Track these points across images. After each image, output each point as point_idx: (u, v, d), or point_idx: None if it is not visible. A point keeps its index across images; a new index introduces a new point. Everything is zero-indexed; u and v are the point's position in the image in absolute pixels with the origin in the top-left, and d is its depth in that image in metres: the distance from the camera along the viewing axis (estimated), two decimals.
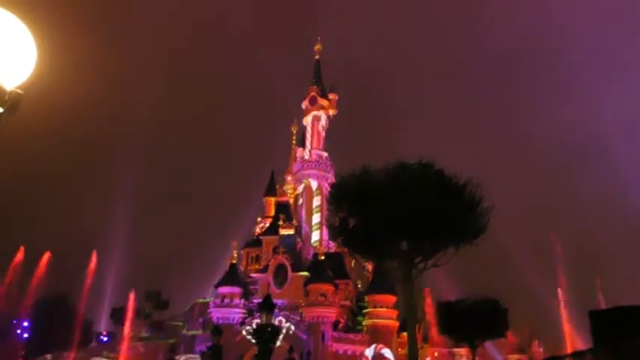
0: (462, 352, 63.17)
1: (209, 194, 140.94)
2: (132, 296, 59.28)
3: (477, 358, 35.07)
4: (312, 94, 68.62)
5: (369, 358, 51.55)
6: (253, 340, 28.22)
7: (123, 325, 61.37)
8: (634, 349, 23.10)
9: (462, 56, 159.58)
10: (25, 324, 65.29)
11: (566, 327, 69.16)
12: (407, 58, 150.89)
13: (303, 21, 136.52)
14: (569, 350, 57.19)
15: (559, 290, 69.67)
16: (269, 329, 21.41)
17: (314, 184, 64.70)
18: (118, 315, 63.41)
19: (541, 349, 71.29)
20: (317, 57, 73.08)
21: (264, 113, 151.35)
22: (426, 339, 63.52)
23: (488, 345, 59.76)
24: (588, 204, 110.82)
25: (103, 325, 70.03)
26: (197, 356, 47.65)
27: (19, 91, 4.29)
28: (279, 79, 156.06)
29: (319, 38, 74.86)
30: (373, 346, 51.98)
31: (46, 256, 55.03)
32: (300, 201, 66.06)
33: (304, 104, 69.06)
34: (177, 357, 48.42)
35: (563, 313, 69.81)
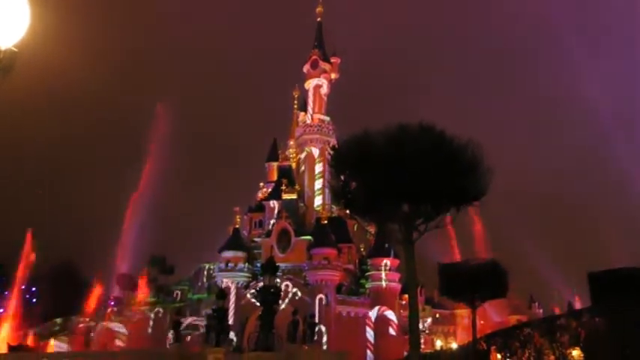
0: (463, 313, 64.53)
1: (211, 161, 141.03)
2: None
3: (477, 319, 35.68)
4: (314, 57, 67.58)
5: (372, 319, 52.64)
6: (258, 303, 28.71)
7: (130, 290, 62.49)
8: (630, 309, 23.49)
9: (468, 31, 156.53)
10: (34, 289, 66.65)
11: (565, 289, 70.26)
12: (412, 26, 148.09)
13: None
14: None
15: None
16: (272, 290, 21.84)
17: (316, 149, 64.52)
18: (125, 281, 64.40)
19: (540, 311, 72.62)
20: (318, 19, 71.78)
21: (265, 79, 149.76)
22: (427, 301, 64.70)
23: (488, 307, 60.84)
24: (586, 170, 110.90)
25: (110, 291, 71.15)
26: (203, 319, 48.65)
27: (13, 48, 4.27)
28: (280, 44, 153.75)
29: (320, 0, 73.44)
30: (376, 308, 52.98)
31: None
32: (303, 166, 66.02)
33: (306, 68, 68.13)
34: (183, 320, 49.44)
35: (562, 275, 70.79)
